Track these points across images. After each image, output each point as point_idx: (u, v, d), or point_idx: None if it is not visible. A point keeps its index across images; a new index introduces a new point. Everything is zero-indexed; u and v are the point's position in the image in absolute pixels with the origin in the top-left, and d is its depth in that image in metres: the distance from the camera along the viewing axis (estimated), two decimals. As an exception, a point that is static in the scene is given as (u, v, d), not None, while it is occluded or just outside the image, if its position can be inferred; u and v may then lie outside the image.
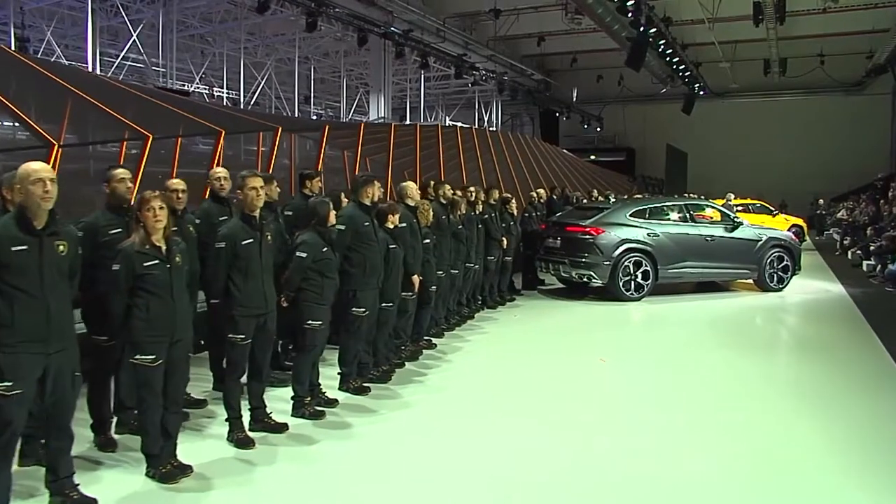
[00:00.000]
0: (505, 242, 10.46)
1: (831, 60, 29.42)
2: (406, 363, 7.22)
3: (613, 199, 13.25)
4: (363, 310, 6.19)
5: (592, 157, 32.91)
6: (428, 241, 7.81)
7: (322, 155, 13.58)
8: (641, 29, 21.33)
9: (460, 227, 9.09)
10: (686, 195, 24.01)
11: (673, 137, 32.37)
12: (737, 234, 11.79)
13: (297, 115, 26.29)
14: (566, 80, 34.00)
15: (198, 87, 25.04)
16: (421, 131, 17.10)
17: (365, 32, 18.26)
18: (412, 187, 7.56)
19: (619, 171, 31.94)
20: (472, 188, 9.89)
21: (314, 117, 30.32)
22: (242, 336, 5.00)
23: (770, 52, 27.99)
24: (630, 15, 20.60)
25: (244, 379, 5.16)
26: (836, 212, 25.47)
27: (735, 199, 18.43)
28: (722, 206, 17.05)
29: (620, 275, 10.92)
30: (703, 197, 24.05)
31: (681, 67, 27.05)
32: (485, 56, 28.29)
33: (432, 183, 8.96)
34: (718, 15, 25.33)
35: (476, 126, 28.62)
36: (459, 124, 25.96)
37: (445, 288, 8.63)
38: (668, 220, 11.55)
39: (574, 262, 11.04)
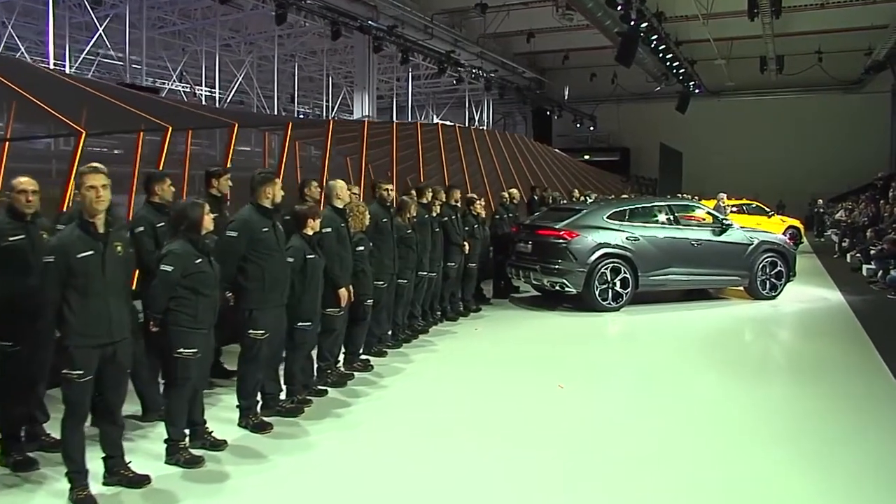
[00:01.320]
0: (467, 247, 9.33)
1: (829, 58, 28.15)
2: (331, 390, 6.09)
3: (592, 200, 12.05)
4: (262, 332, 5.07)
5: (586, 157, 31.69)
6: (362, 247, 6.67)
7: (286, 153, 12.52)
8: (632, 23, 20.14)
9: (409, 231, 7.95)
10: (679, 195, 22.82)
11: (668, 137, 31.11)
12: (726, 237, 10.61)
13: (280, 114, 25.19)
14: (559, 78, 32.81)
15: (175, 85, 23.90)
16: (398, 129, 15.96)
17: (339, 26, 17.07)
18: (340, 186, 6.41)
19: (614, 171, 30.73)
20: (429, 189, 8.72)
21: (301, 116, 29.24)
22: (80, 372, 3.90)
23: (766, 49, 26.76)
24: (619, 9, 19.43)
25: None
26: (834, 212, 24.20)
27: (727, 199, 17.17)
28: (714, 207, 15.95)
29: (596, 283, 9.75)
30: (696, 198, 22.93)
31: (675, 64, 25.83)
32: (474, 53, 27.13)
33: (379, 182, 7.78)
34: (713, 11, 24.13)
35: (466, 125, 27.47)
36: (440, 121, 24.82)
37: (388, 300, 7.48)
38: (650, 222, 10.38)
39: (546, 268, 9.87)
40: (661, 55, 24.14)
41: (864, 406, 5.93)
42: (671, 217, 10.49)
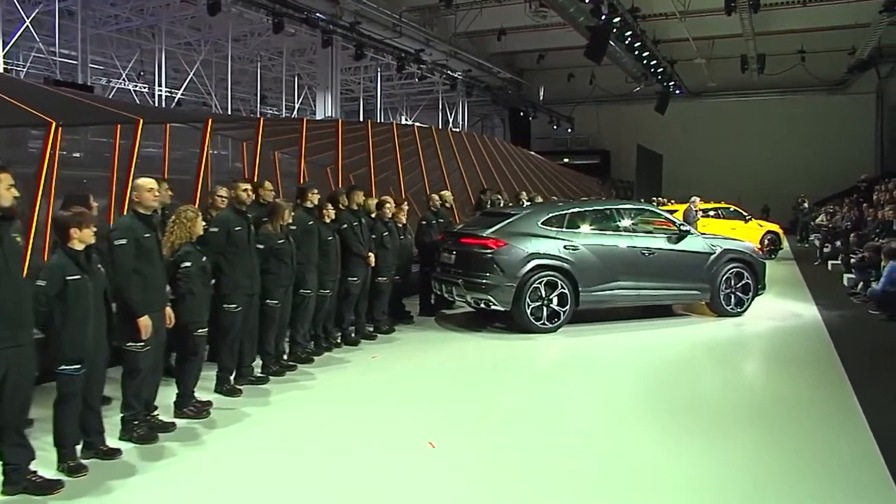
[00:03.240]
0: (372, 258, 7.69)
1: (812, 58, 26.54)
2: (135, 446, 4.47)
3: (528, 202, 10.36)
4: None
5: (566, 160, 30.04)
6: (188, 263, 5.04)
7: (205, 151, 10.92)
8: (603, 17, 18.51)
9: (281, 241, 6.32)
10: (654, 200, 21.18)
11: (649, 139, 29.47)
12: (683, 245, 8.97)
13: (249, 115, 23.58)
14: (536, 79, 31.16)
15: (128, 85, 22.27)
16: (343, 127, 14.31)
17: (281, 18, 15.41)
18: (142, 185, 4.75)
19: (594, 175, 29.12)
20: (314, 191, 7.08)
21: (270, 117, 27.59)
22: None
23: (747, 48, 25.13)
24: (589, 1, 17.81)
25: None
26: (816, 216, 22.52)
27: (700, 202, 15.48)
28: (684, 211, 14.31)
29: (528, 300, 8.09)
30: (671, 201, 21.27)
31: (653, 63, 24.16)
32: (446, 53, 25.52)
33: (237, 184, 6.13)
34: (690, 8, 22.57)
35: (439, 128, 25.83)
36: (395, 122, 23.19)
37: (249, 326, 5.89)
38: (594, 229, 8.72)
39: (469, 282, 8.22)
40: (636, 53, 22.48)
41: (835, 470, 4.29)
42: (619, 223, 8.83)
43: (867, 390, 5.83)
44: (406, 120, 29.29)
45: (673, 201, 20.03)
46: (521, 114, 29.58)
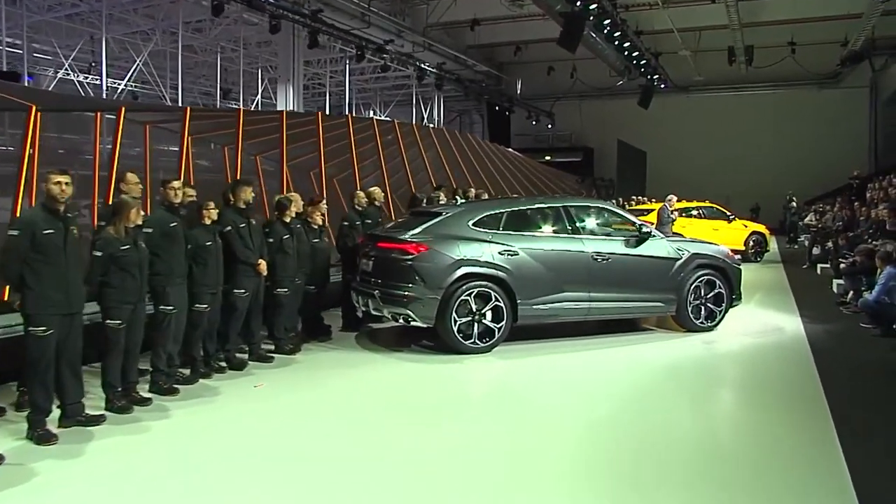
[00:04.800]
0: (264, 266, 6.38)
1: (803, 49, 25.28)
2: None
3: (462, 200, 9.02)
4: None
5: (547, 158, 28.74)
6: None
7: (98, 143, 9.73)
8: (578, 4, 17.22)
9: (125, 247, 5.04)
10: (633, 199, 19.91)
11: (633, 135, 28.21)
12: (644, 250, 7.66)
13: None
14: (515, 72, 29.82)
15: (73, 75, 20.87)
16: (287, 120, 12.92)
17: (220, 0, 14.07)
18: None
19: (577, 173, 27.83)
20: (175, 184, 5.78)
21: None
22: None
23: (734, 39, 23.87)
24: (562, -14, 16.56)
25: None
26: (805, 215, 21.27)
27: (676, 201, 14.17)
28: (659, 210, 13.02)
29: (455, 314, 6.77)
30: (652, 199, 19.94)
31: (635, 55, 22.87)
32: (418, 44, 24.22)
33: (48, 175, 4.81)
34: (674, -4, 21.44)
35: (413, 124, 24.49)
36: (348, 114, 21.90)
37: (68, 351, 4.64)
38: (536, 230, 7.41)
39: (386, 294, 6.90)
40: (616, 43, 21.18)
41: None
42: (567, 223, 7.51)
43: (853, 440, 4.52)
44: (380, 115, 27.95)
45: (654, 200, 18.72)
46: (497, 108, 28.22)
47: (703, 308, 7.98)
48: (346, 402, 5.59)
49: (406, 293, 6.77)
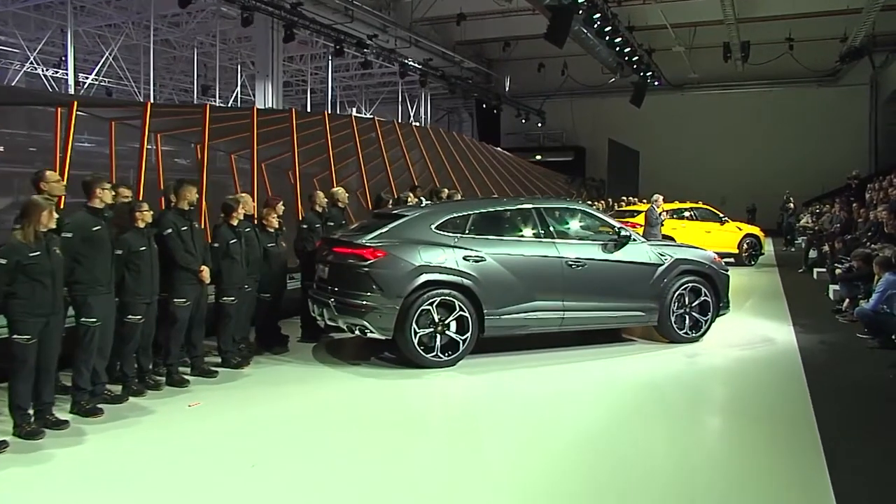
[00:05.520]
0: (206, 273, 5.94)
1: (801, 46, 24.90)
2: None
3: (427, 202, 8.55)
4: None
5: (538, 157, 28.33)
6: None
7: (70, 139, 9.34)
8: (566, -4, 16.82)
9: (35, 253, 4.62)
10: (623, 200, 19.51)
11: (627, 134, 27.80)
12: (623, 255, 7.23)
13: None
14: (505, 69, 29.37)
15: (40, 69, 20.36)
16: (259, 117, 12.42)
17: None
18: None
19: (568, 173, 27.42)
20: (104, 185, 5.33)
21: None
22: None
23: (730, 35, 23.49)
24: (549, -22, 16.15)
25: None
26: (801, 217, 20.87)
27: (664, 202, 13.73)
28: (646, 212, 12.60)
29: (415, 326, 6.33)
30: (643, 200, 19.54)
31: (626, 51, 22.46)
32: (404, 40, 23.77)
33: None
34: (668, -10, 21.04)
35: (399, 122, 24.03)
36: (325, 111, 21.45)
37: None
38: (505, 234, 6.98)
39: (341, 303, 6.46)
40: (607, 39, 20.77)
41: None
42: (540, 226, 7.08)
43: (843, 471, 4.10)
44: (365, 113, 27.51)
45: (645, 200, 18.31)
46: (484, 106, 27.79)
47: (687, 317, 7.56)
48: (287, 422, 5.14)
49: (362, 302, 6.33)
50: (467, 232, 6.72)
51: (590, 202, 16.70)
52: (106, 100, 17.22)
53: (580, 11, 17.89)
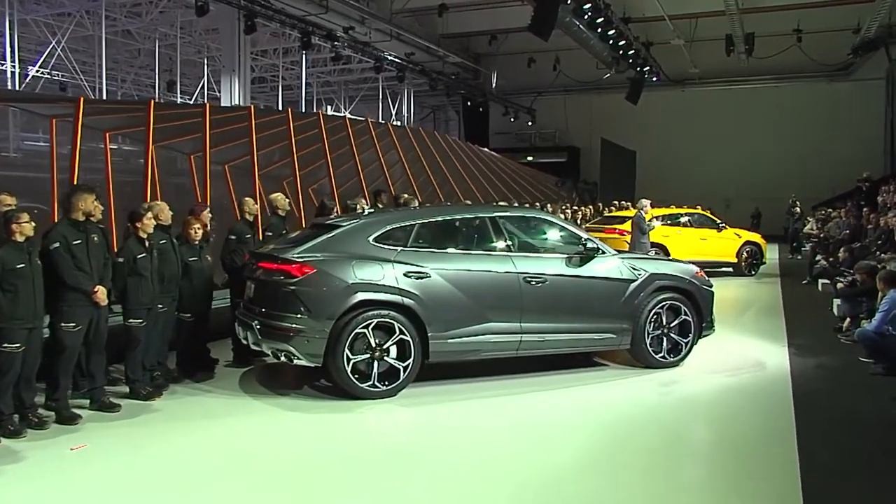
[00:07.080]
0: (102, 294, 5.44)
1: (810, 38, 24.52)
2: None
3: (369, 209, 8.02)
4: None
5: (529, 158, 27.89)
6: None
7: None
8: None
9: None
10: (615, 204, 19.04)
11: (623, 133, 27.34)
12: (589, 269, 6.74)
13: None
14: (493, 64, 28.92)
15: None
16: (212, 115, 11.93)
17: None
18: None
19: (561, 175, 26.98)
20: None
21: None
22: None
23: (733, 27, 23.08)
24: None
25: None
26: (807, 222, 20.41)
27: (651, 207, 13.16)
28: (633, 218, 12.12)
29: (348, 352, 5.84)
30: (616, 205, 19.04)
31: (621, 44, 22.05)
32: (385, 32, 23.36)
33: None
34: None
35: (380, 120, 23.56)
36: (289, 108, 21.00)
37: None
38: (455, 247, 6.48)
39: (265, 325, 5.96)
40: (600, 31, 20.36)
41: None
42: (494, 238, 6.59)
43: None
44: (344, 111, 27.05)
45: (628, 205, 17.85)
46: (469, 103, 27.34)
47: (665, 340, 7.07)
48: (182, 466, 4.64)
49: (289, 325, 5.83)
50: (410, 245, 6.23)
51: (575, 207, 16.22)
52: (28, 94, 16.66)
53: (568, 1, 17.48)
